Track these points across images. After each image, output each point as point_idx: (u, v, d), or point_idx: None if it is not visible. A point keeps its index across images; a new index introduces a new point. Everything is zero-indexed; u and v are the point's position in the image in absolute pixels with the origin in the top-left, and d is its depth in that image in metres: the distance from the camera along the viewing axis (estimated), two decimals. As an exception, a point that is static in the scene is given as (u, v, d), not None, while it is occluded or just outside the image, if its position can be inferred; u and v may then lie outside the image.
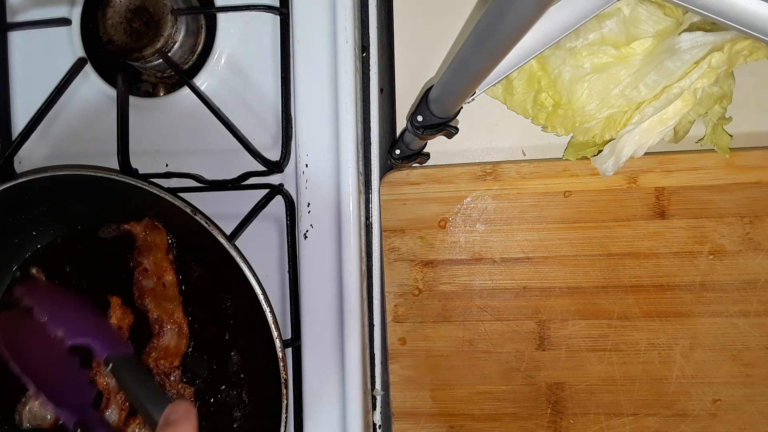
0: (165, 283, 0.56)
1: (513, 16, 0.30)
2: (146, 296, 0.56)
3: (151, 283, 0.56)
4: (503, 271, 0.58)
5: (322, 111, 0.57)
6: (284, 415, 0.51)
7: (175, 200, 0.52)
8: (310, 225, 0.57)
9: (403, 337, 0.59)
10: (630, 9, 0.50)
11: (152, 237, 0.56)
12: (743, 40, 0.49)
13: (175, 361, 0.56)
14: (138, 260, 0.56)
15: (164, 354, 0.56)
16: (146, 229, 0.56)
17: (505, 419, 0.58)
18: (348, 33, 0.56)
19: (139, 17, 0.56)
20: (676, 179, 0.55)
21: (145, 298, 0.56)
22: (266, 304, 0.51)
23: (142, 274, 0.56)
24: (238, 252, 0.52)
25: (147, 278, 0.56)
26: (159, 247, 0.56)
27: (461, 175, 0.58)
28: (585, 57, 0.51)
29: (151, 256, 0.56)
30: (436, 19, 0.59)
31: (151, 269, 0.56)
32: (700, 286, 0.55)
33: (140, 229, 0.56)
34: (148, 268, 0.56)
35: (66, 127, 0.63)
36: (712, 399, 0.56)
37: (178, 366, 0.56)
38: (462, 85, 0.42)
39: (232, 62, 0.60)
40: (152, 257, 0.56)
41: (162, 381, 0.56)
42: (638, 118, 0.51)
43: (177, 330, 0.56)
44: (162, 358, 0.56)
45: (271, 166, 0.57)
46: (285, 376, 0.51)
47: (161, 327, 0.56)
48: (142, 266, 0.56)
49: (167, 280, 0.56)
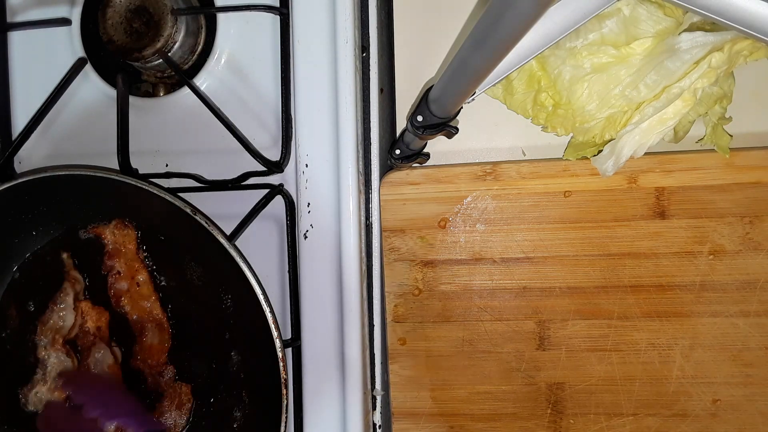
0: (138, 283, 0.57)
1: (513, 16, 0.30)
2: (123, 299, 0.57)
3: (126, 284, 0.57)
4: (503, 271, 0.58)
5: (322, 111, 0.57)
6: (284, 414, 0.51)
7: (175, 200, 0.52)
8: (310, 225, 0.57)
9: (403, 337, 0.59)
10: (630, 9, 0.50)
11: (121, 238, 0.56)
12: (743, 40, 0.49)
13: (162, 357, 0.57)
14: (109, 264, 0.57)
15: (150, 353, 0.56)
16: (115, 230, 0.57)
17: (505, 419, 0.58)
18: (348, 33, 0.56)
19: (139, 17, 0.56)
20: (676, 179, 0.55)
21: (121, 301, 0.57)
22: (266, 303, 0.51)
23: (115, 277, 0.57)
24: (238, 252, 0.52)
25: (120, 281, 0.57)
26: (128, 248, 0.57)
27: (461, 175, 0.58)
28: (585, 57, 0.51)
29: (121, 257, 0.57)
30: (436, 19, 0.59)
31: (123, 271, 0.57)
32: (700, 286, 0.55)
33: (109, 232, 0.57)
34: (120, 270, 0.56)
35: (66, 127, 0.63)
36: (712, 399, 0.56)
37: (166, 362, 0.57)
38: (462, 85, 0.42)
39: (232, 62, 0.60)
40: (122, 259, 0.57)
41: (155, 381, 0.56)
42: (638, 118, 0.51)
43: (157, 327, 0.57)
44: (149, 358, 0.56)
45: (271, 166, 0.57)
46: (285, 376, 0.51)
47: (142, 327, 0.56)
48: (114, 270, 0.57)
49: (140, 279, 0.57)
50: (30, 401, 0.57)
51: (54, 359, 0.57)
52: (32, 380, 0.57)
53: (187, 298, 0.57)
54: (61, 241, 0.59)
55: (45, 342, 0.57)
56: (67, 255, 0.58)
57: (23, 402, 0.57)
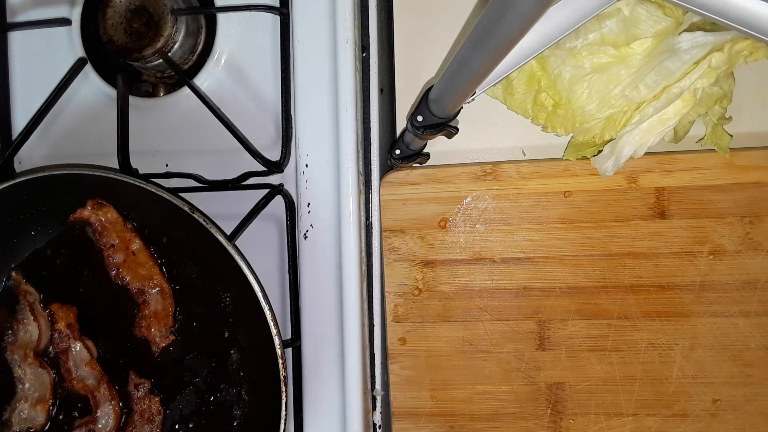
0: (134, 251, 0.57)
1: (513, 16, 0.30)
2: (122, 270, 0.57)
3: (122, 255, 0.57)
4: (503, 271, 0.58)
5: (322, 111, 0.57)
6: (284, 412, 0.51)
7: (175, 200, 0.52)
8: (310, 225, 0.57)
9: (403, 337, 0.59)
10: (630, 9, 0.50)
11: (103, 215, 0.56)
12: (743, 40, 0.49)
13: (168, 322, 0.57)
14: (102, 241, 0.57)
15: (155, 320, 0.57)
16: (93, 210, 0.57)
17: (505, 419, 0.58)
18: (348, 33, 0.56)
19: (139, 17, 0.56)
20: (676, 179, 0.55)
21: (121, 273, 0.57)
22: (266, 303, 0.51)
23: (110, 251, 0.57)
24: (238, 252, 0.52)
25: (116, 253, 0.57)
26: (114, 221, 0.57)
27: (461, 175, 0.58)
28: (585, 57, 0.51)
29: (111, 231, 0.57)
30: (436, 19, 0.59)
31: (117, 244, 0.57)
32: (700, 286, 0.55)
33: (89, 213, 0.57)
34: (113, 243, 0.56)
35: (66, 127, 0.63)
36: (712, 399, 0.56)
37: (173, 326, 0.57)
38: (462, 85, 0.42)
39: (232, 62, 0.60)
40: (113, 231, 0.57)
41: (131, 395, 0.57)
42: (638, 118, 0.51)
43: (160, 291, 0.57)
44: (154, 326, 0.56)
45: (271, 166, 0.57)
46: (284, 374, 0.51)
47: (144, 295, 0.57)
48: (108, 244, 0.57)
49: (135, 247, 0.57)
50: (14, 421, 0.57)
51: (30, 375, 0.57)
52: (13, 400, 0.58)
53: (187, 297, 0.57)
54: (58, 241, 0.59)
55: (18, 360, 0.57)
56: (16, 272, 0.58)
57: (7, 422, 0.57)
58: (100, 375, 0.57)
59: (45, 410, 0.57)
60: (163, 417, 0.57)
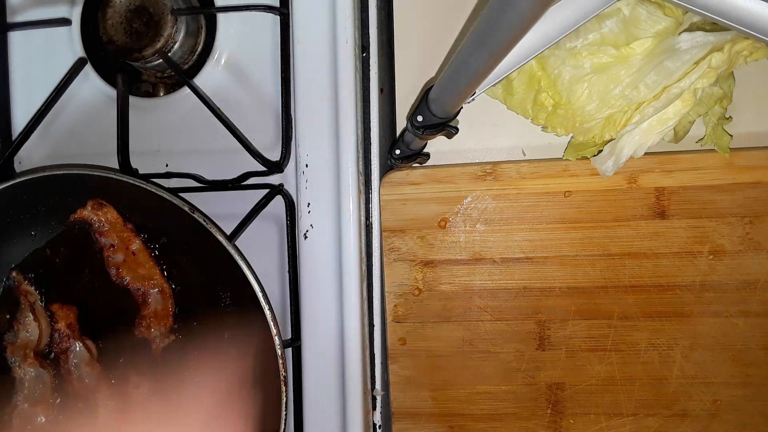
0: (134, 251, 0.57)
1: (513, 16, 0.30)
2: (122, 270, 0.57)
3: (122, 255, 0.57)
4: (503, 271, 0.58)
5: (322, 111, 0.57)
6: (283, 412, 0.51)
7: (175, 200, 0.52)
8: (310, 225, 0.57)
9: (403, 337, 0.59)
10: (630, 9, 0.50)
11: (103, 215, 0.57)
12: (743, 40, 0.49)
13: (168, 321, 0.57)
14: (102, 241, 0.57)
15: (155, 319, 0.57)
16: (93, 210, 0.57)
17: (505, 419, 0.58)
18: (348, 33, 0.56)
19: (139, 17, 0.56)
20: (676, 179, 0.55)
21: (120, 273, 0.57)
22: (266, 303, 0.51)
23: (110, 251, 0.57)
24: (238, 252, 0.52)
25: (116, 253, 0.57)
26: (114, 221, 0.57)
27: (461, 175, 0.58)
28: (585, 57, 0.51)
29: (110, 231, 0.57)
30: (436, 19, 0.59)
31: (116, 244, 0.57)
32: (700, 286, 0.55)
33: (89, 213, 0.57)
34: (113, 243, 0.57)
35: (66, 127, 0.63)
36: (712, 399, 0.56)
37: (173, 326, 0.57)
38: (462, 85, 0.42)
39: (232, 62, 0.60)
40: (112, 232, 0.57)
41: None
42: (638, 118, 0.51)
43: (159, 291, 0.57)
44: (154, 325, 0.57)
45: (271, 166, 0.57)
46: (284, 374, 0.51)
47: (145, 295, 0.57)
48: (108, 244, 0.57)
49: (135, 247, 0.57)
50: (15, 421, 0.57)
51: (31, 375, 0.57)
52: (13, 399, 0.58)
53: (187, 297, 0.57)
54: (58, 240, 0.59)
55: (18, 360, 0.58)
56: (16, 273, 0.59)
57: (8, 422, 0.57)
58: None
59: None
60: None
